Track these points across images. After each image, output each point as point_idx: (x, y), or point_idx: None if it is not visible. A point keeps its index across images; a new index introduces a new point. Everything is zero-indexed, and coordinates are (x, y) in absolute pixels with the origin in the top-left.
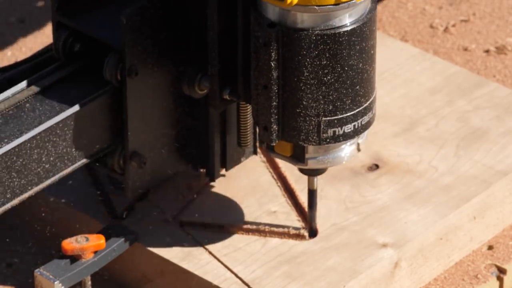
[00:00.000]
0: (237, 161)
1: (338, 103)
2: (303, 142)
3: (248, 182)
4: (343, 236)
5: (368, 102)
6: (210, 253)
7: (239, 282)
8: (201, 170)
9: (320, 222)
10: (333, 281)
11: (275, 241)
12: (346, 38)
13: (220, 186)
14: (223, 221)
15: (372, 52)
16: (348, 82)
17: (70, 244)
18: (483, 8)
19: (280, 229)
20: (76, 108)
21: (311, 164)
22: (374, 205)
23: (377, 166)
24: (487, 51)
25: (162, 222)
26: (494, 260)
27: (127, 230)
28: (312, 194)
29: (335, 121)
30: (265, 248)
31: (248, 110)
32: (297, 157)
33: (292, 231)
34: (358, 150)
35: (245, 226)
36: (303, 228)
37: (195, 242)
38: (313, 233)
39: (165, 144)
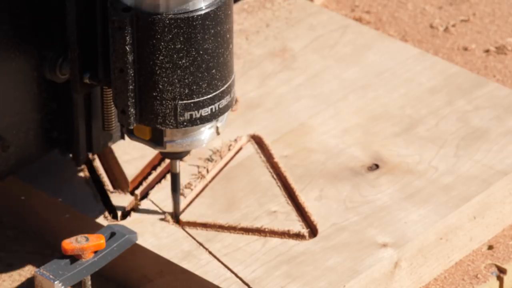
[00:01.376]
0: (104, 146)
1: (194, 87)
2: (161, 126)
3: (248, 182)
4: (343, 236)
5: (225, 86)
6: (210, 253)
7: (239, 282)
8: (70, 155)
9: (320, 222)
10: (333, 281)
11: (275, 241)
12: (200, 22)
13: (220, 186)
14: (223, 221)
15: (228, 36)
16: (203, 65)
17: (70, 244)
18: (483, 8)
19: (280, 229)
20: None
21: (170, 148)
22: (374, 205)
23: (377, 166)
24: (487, 51)
25: (162, 222)
26: (494, 260)
27: (127, 230)
28: (174, 178)
29: (192, 104)
30: (265, 248)
31: (111, 94)
32: (156, 140)
33: (292, 231)
34: (218, 133)
35: (245, 226)
36: (303, 228)
37: (195, 242)
38: (177, 218)
39: (30, 128)
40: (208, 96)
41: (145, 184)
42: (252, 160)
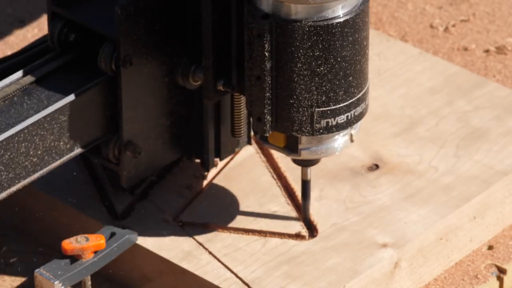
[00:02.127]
0: (231, 151)
1: (331, 94)
2: (296, 133)
3: (248, 182)
4: (343, 236)
5: (361, 93)
6: (210, 253)
7: (239, 282)
8: (196, 160)
9: (320, 222)
10: (333, 281)
11: (275, 241)
12: (339, 29)
13: (220, 186)
14: (223, 221)
15: (365, 43)
16: (341, 73)
17: (70, 244)
18: (483, 8)
19: (280, 229)
20: (70, 98)
21: (305, 155)
22: (374, 205)
23: (377, 166)
24: (487, 51)
25: (162, 222)
26: (494, 260)
27: (127, 230)
28: (305, 185)
29: (328, 112)
30: (265, 248)
31: (242, 100)
32: (291, 147)
33: (292, 231)
34: (351, 140)
35: (245, 226)
36: (301, 225)
37: (195, 242)
38: (308, 225)
39: (160, 134)
40: (345, 104)
41: (145, 184)
42: (252, 160)
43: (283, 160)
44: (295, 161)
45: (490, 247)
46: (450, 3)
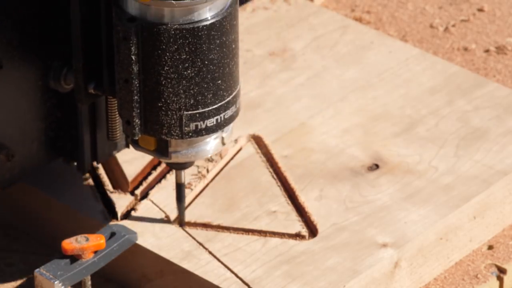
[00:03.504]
0: (109, 155)
1: (200, 97)
2: (166, 136)
3: (248, 182)
4: (343, 236)
5: (230, 96)
6: (210, 253)
7: (239, 282)
8: (74, 163)
9: (320, 222)
10: (333, 281)
11: (275, 241)
12: (206, 32)
13: (220, 186)
14: (223, 221)
15: (233, 46)
16: (209, 76)
17: (70, 244)
18: (483, 8)
19: (280, 229)
20: None
21: (175, 158)
22: (374, 205)
23: (377, 166)
24: (487, 51)
25: (162, 222)
26: (494, 260)
27: (127, 230)
28: (180, 188)
29: (197, 115)
30: (265, 248)
31: (116, 103)
32: (161, 151)
33: (292, 231)
34: (223, 144)
35: (245, 226)
36: (303, 228)
37: (195, 242)
38: (182, 225)
39: (35, 137)
40: (214, 107)
41: (145, 184)
42: (252, 160)
43: (283, 160)
44: (167, 164)
45: (490, 247)
46: (450, 3)
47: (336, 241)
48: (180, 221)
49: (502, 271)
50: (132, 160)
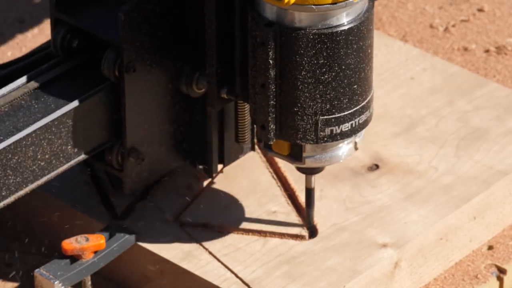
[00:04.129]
0: (235, 157)
1: (336, 102)
2: (301, 141)
3: (248, 182)
4: (343, 236)
5: (365, 101)
6: (210, 253)
7: (239, 282)
8: (200, 166)
9: (320, 222)
10: (333, 281)
11: (275, 241)
12: (344, 37)
13: (220, 186)
14: (223, 221)
15: (369, 51)
16: (345, 81)
17: (70, 244)
18: (483, 8)
19: (280, 229)
20: (74, 104)
21: (309, 163)
22: (374, 205)
23: (377, 166)
24: (487, 51)
25: (162, 222)
26: (494, 260)
27: (127, 230)
28: (309, 193)
29: (333, 120)
30: (265, 248)
31: (246, 106)
32: (295, 155)
33: (292, 231)
34: (356, 148)
35: (245, 226)
36: (303, 228)
37: (195, 242)
38: (312, 231)
39: (163, 140)
40: (349, 112)
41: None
42: (252, 160)
43: (283, 160)
44: (299, 169)
45: (490, 247)
46: (450, 3)
47: (336, 241)
48: (308, 226)
49: (502, 271)
50: None
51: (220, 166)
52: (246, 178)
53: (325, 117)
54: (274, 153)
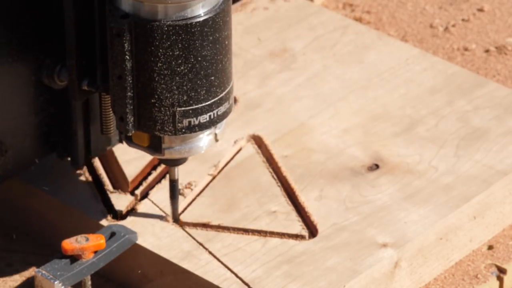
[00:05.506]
0: (103, 149)
1: (193, 94)
2: (159, 132)
3: (248, 182)
4: (343, 236)
5: (224, 93)
6: (210, 253)
7: (239, 282)
8: (67, 158)
9: (320, 222)
10: (333, 281)
11: (275, 241)
12: (199, 29)
13: (220, 186)
14: (223, 221)
15: (226, 42)
16: (202, 72)
17: (70, 244)
18: (483, 8)
19: (280, 229)
20: None
21: (168, 154)
22: (374, 205)
23: (377, 166)
24: (487, 51)
25: (162, 222)
26: (494, 260)
27: (127, 230)
28: (173, 184)
29: (190, 111)
30: (265, 248)
31: (109, 98)
32: (154, 147)
33: (292, 231)
34: (216, 140)
35: (245, 226)
36: (303, 228)
37: (195, 242)
38: (176, 221)
39: (28, 132)
40: (207, 103)
41: (145, 184)
42: (252, 160)
43: (283, 160)
44: (161, 160)
45: (490, 247)
46: (450, 3)
47: (336, 241)
48: (174, 218)
49: (502, 271)
50: (132, 160)
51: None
52: (246, 178)
53: (183, 108)
54: (135, 144)
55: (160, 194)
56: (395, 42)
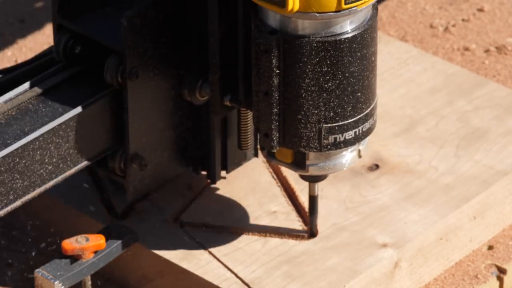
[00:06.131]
0: (238, 164)
1: (339, 110)
2: (304, 149)
3: (248, 182)
4: (343, 236)
5: (369, 109)
6: (210, 253)
7: (239, 282)
8: (202, 172)
9: (320, 222)
10: (333, 281)
11: (275, 241)
12: (347, 45)
13: (220, 186)
14: (223, 221)
15: (373, 58)
16: (349, 89)
17: (70, 244)
18: (483, 8)
19: (280, 229)
20: (78, 110)
21: (312, 171)
22: (374, 205)
23: (377, 166)
24: (487, 51)
25: (162, 222)
26: (494, 260)
27: (127, 230)
28: (313, 200)
29: (336, 127)
30: (265, 248)
31: (249, 113)
32: (298, 163)
33: (292, 231)
34: (359, 156)
35: (245, 226)
36: (303, 228)
37: (195, 242)
38: (313, 236)
39: (166, 146)
40: (353, 120)
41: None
42: (252, 160)
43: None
44: (302, 177)
45: (490, 247)
46: (450, 3)
47: (336, 241)
48: (311, 233)
49: (502, 271)
50: None
51: (223, 173)
52: (246, 178)
53: (329, 125)
54: (278, 161)
55: (160, 194)
56: (395, 42)
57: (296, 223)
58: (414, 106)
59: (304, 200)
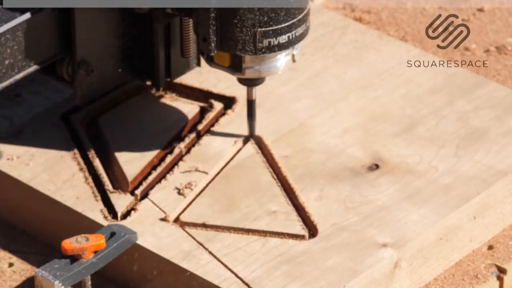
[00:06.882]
0: (181, 72)
1: (273, 15)
2: (240, 52)
3: (248, 182)
4: (343, 236)
5: (301, 15)
6: (210, 253)
7: (239, 282)
8: (148, 82)
9: (320, 222)
10: (333, 281)
11: (275, 241)
12: None
13: (220, 186)
14: (223, 221)
15: None
16: None
17: (70, 244)
18: (483, 8)
19: (280, 229)
20: (27, 16)
21: (248, 74)
22: (374, 205)
23: (377, 166)
24: (487, 51)
25: (162, 222)
26: (494, 260)
27: (127, 230)
28: (251, 104)
29: (270, 31)
30: (265, 248)
31: (190, 21)
32: (235, 67)
33: (292, 231)
34: (293, 61)
35: (245, 226)
36: (303, 228)
37: (195, 242)
38: (252, 136)
39: (112, 54)
40: (286, 24)
41: (145, 184)
42: (252, 160)
43: (283, 160)
44: (240, 80)
45: (490, 247)
46: (450, 3)
47: (336, 241)
48: (251, 134)
49: (502, 271)
50: (132, 160)
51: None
52: (246, 178)
53: (263, 29)
54: (216, 65)
55: (160, 194)
56: (395, 42)
57: (296, 223)
58: (414, 106)
59: (304, 200)
